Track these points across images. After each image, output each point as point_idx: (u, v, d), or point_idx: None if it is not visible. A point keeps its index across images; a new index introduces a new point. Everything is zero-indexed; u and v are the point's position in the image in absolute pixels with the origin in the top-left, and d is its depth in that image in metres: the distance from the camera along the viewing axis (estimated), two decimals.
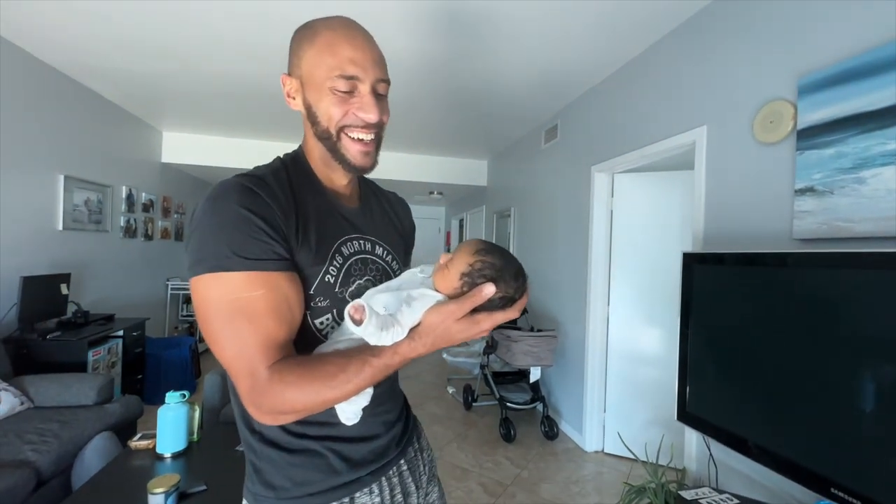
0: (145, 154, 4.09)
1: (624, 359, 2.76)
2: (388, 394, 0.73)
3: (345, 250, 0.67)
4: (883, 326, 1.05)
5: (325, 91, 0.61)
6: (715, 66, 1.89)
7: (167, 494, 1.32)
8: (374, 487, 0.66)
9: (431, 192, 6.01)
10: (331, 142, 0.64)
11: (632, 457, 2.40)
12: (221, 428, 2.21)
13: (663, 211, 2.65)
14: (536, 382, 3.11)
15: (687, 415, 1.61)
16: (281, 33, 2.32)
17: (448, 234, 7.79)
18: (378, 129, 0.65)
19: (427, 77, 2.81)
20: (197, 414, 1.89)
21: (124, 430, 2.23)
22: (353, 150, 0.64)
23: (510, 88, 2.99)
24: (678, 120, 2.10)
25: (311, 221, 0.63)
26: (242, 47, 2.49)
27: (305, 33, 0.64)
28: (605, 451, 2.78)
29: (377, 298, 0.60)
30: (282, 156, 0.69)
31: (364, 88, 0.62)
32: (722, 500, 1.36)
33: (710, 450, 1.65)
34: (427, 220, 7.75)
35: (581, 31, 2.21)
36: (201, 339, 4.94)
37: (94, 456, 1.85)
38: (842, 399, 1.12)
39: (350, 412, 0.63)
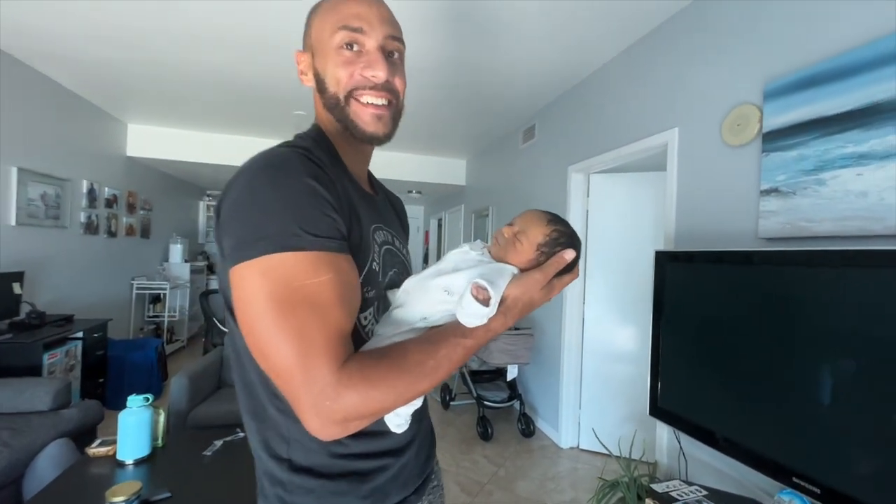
0: (108, 147, 3.90)
1: (599, 356, 2.81)
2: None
3: (378, 238, 0.62)
4: (842, 322, 1.09)
5: (331, 53, 0.57)
6: (686, 70, 1.94)
7: (128, 502, 1.25)
8: None
9: (410, 191, 5.98)
10: (339, 109, 0.58)
11: (606, 452, 2.44)
12: (189, 432, 2.13)
13: (637, 211, 2.71)
14: (513, 381, 3.13)
15: (659, 410, 1.64)
16: (257, 22, 2.25)
17: (427, 234, 7.76)
18: (390, 93, 0.59)
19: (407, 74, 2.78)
20: (162, 418, 1.80)
21: (83, 436, 2.11)
22: (363, 115, 0.58)
23: (489, 88, 3.00)
24: (651, 122, 2.15)
25: (354, 203, 0.57)
26: (216, 37, 2.40)
27: (314, 8, 0.62)
28: (581, 447, 2.83)
29: (436, 283, 0.57)
30: (303, 133, 0.62)
31: (370, 44, 0.57)
32: (691, 491, 1.39)
33: (680, 444, 1.69)
34: None
35: (560, 33, 2.23)
36: (169, 341, 4.76)
37: (47, 464, 1.74)
38: (803, 392, 1.17)
39: (404, 416, 0.59)
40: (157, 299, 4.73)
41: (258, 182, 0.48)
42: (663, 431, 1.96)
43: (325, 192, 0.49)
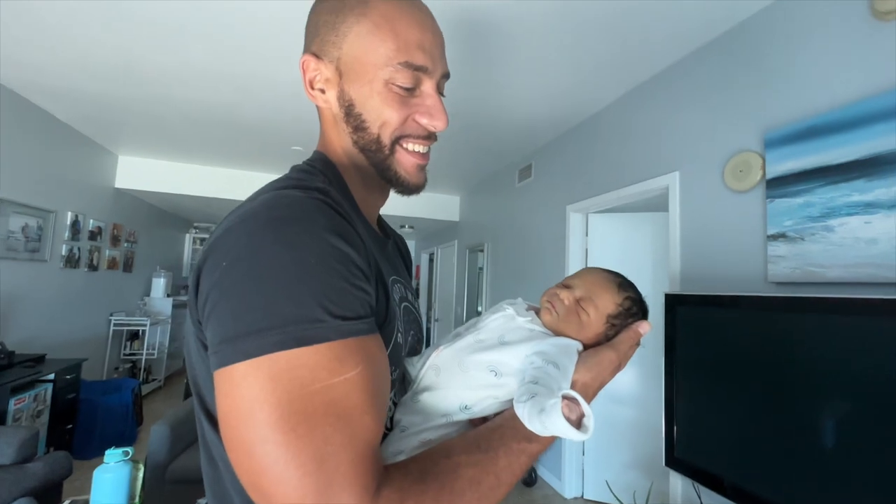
0: (97, 178, 3.81)
1: (601, 399, 2.71)
2: None
3: (396, 295, 0.51)
4: (865, 370, 1.07)
5: (378, 85, 0.45)
6: (687, 116, 2.01)
7: None
8: None
9: (402, 226, 5.97)
10: (381, 155, 0.48)
11: (613, 503, 2.32)
12: (169, 489, 1.96)
13: (637, 251, 2.73)
14: None
15: (675, 460, 1.57)
16: (257, 62, 2.27)
17: (417, 269, 7.71)
18: (434, 140, 0.51)
19: None
20: (141, 474, 1.65)
21: (48, 493, 1.91)
22: (408, 165, 0.49)
23: (485, 128, 3.06)
24: (652, 165, 2.20)
25: (375, 256, 0.46)
26: (215, 75, 2.41)
27: (348, 0, 0.46)
28: (585, 496, 2.69)
29: (479, 360, 0.46)
30: (306, 166, 0.50)
31: (429, 86, 0.48)
32: None
33: (700, 498, 1.61)
34: None
35: (558, 78, 2.31)
36: (145, 381, 4.49)
37: None
38: (848, 445, 1.12)
39: None
40: (135, 336, 4.50)
41: (263, 241, 0.35)
42: (677, 482, 1.87)
43: (356, 254, 0.38)
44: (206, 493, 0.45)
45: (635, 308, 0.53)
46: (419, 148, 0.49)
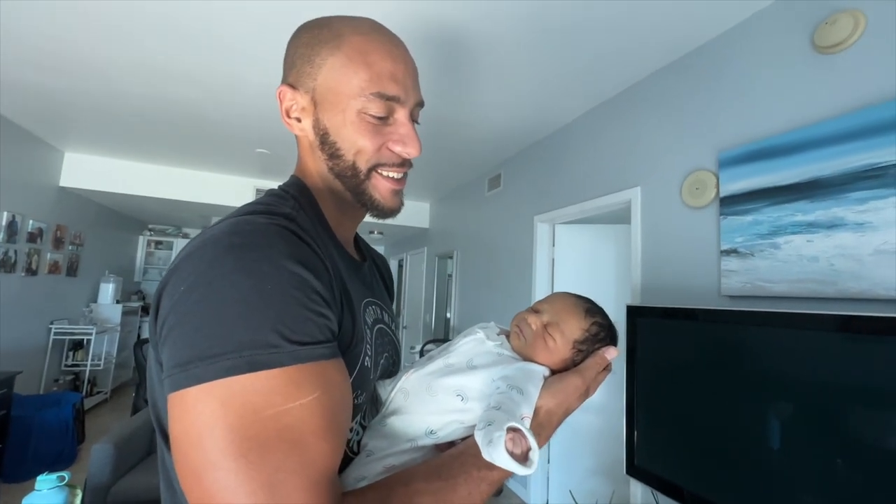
0: (39, 176, 3.54)
1: None
2: None
3: (369, 318, 0.52)
4: (809, 380, 1.14)
5: (351, 114, 0.47)
6: (646, 134, 2.09)
7: None
8: None
9: (371, 232, 5.89)
10: (356, 181, 0.50)
11: None
12: None
13: (601, 261, 2.80)
14: None
15: (636, 469, 1.61)
16: (222, 62, 2.18)
17: None
18: (410, 166, 0.52)
19: None
20: (78, 500, 1.52)
21: None
22: (383, 190, 0.51)
23: (455, 138, 3.07)
24: (615, 179, 2.27)
25: (344, 280, 0.47)
26: (173, 71, 2.29)
27: (323, 34, 0.48)
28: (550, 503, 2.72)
29: (446, 385, 0.46)
30: (280, 191, 0.51)
31: (402, 115, 0.49)
32: None
33: None
34: None
35: (527, 91, 2.35)
36: (89, 393, 4.18)
37: None
38: (799, 451, 1.18)
39: None
40: (78, 345, 4.19)
41: (222, 268, 0.36)
42: (637, 490, 1.92)
43: (316, 280, 0.38)
44: None
45: (603, 333, 0.53)
46: (394, 174, 0.51)
